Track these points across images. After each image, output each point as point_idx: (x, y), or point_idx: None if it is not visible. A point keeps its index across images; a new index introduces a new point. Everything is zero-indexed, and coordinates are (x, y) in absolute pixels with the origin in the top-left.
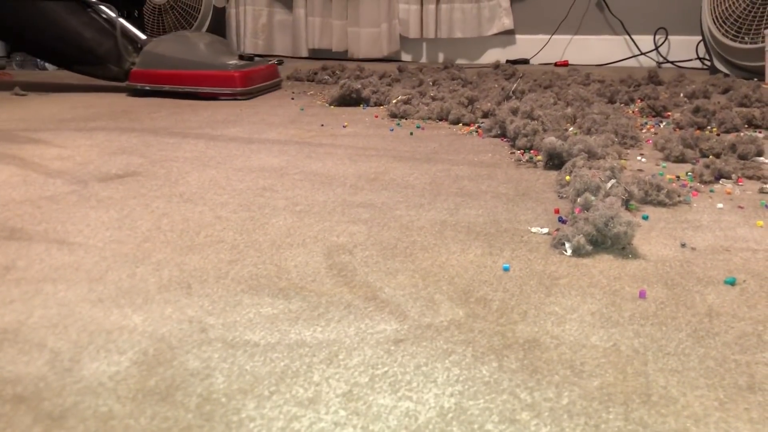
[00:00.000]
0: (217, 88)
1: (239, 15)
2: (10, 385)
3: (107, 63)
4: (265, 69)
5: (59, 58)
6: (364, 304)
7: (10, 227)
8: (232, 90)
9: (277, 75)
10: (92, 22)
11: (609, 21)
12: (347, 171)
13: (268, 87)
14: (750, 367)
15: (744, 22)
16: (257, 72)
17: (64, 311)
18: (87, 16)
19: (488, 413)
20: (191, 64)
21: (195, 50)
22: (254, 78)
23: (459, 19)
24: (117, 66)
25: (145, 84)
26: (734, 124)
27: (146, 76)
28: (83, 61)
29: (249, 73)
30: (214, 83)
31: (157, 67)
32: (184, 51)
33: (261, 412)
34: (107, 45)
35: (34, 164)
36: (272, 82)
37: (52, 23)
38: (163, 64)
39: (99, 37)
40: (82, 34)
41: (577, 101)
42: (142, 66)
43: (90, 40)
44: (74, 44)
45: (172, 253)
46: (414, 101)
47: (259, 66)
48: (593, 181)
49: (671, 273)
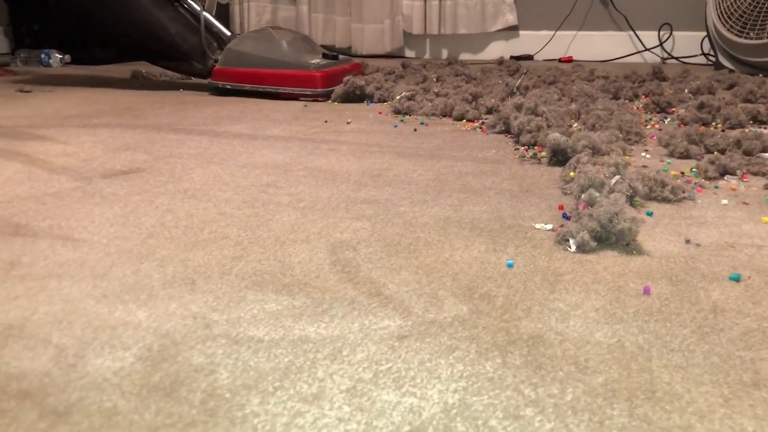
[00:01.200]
0: (298, 88)
1: (243, 11)
2: (15, 381)
3: (192, 59)
4: (349, 68)
5: (144, 53)
6: (367, 300)
7: (14, 223)
8: (313, 91)
9: (362, 72)
10: (178, 17)
11: (613, 17)
12: (351, 167)
13: None
14: (755, 364)
15: (749, 17)
16: (340, 71)
17: (68, 307)
18: (173, 11)
19: (492, 409)
20: (273, 62)
21: (278, 48)
22: (336, 78)
23: (463, 15)
24: (201, 63)
25: (226, 82)
26: (739, 120)
27: (228, 74)
28: (168, 57)
29: (331, 72)
30: (295, 83)
31: (239, 65)
32: (267, 49)
33: (265, 408)
34: (192, 41)
35: (39, 161)
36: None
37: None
38: (245, 62)
39: (184, 32)
40: (168, 29)
41: (581, 97)
42: (224, 64)
43: (175, 36)
44: (159, 39)
45: (177, 249)
46: (418, 97)
47: (342, 65)
48: (597, 178)
49: (676, 269)
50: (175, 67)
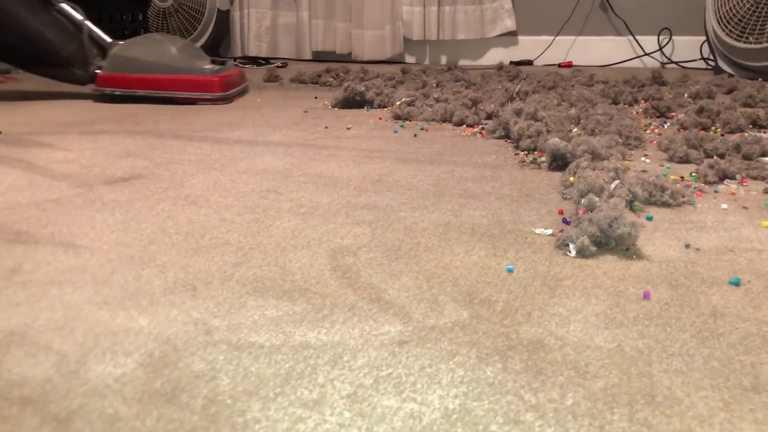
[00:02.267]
0: (197, 93)
1: (243, 18)
2: (17, 388)
3: (72, 66)
4: (237, 73)
5: (19, 58)
6: (368, 305)
7: (16, 230)
8: (213, 95)
9: (245, 79)
10: (55, 23)
11: (613, 22)
12: (351, 173)
13: (241, 91)
14: (755, 368)
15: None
16: (232, 76)
17: (70, 314)
18: (49, 16)
19: (493, 414)
20: (167, 68)
21: (170, 54)
22: (231, 82)
23: (462, 20)
24: (82, 70)
25: (114, 89)
26: (738, 125)
27: (116, 80)
28: (46, 63)
29: (226, 77)
30: (193, 88)
31: (130, 71)
32: (159, 54)
33: (266, 414)
34: (72, 47)
35: (40, 167)
36: (243, 86)
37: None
38: (137, 68)
39: (63, 38)
40: (45, 35)
41: (580, 102)
42: (111, 70)
43: (53, 41)
44: (36, 44)
45: (177, 255)
46: (418, 103)
47: (232, 70)
48: (597, 182)
49: (675, 274)
50: (54, 74)
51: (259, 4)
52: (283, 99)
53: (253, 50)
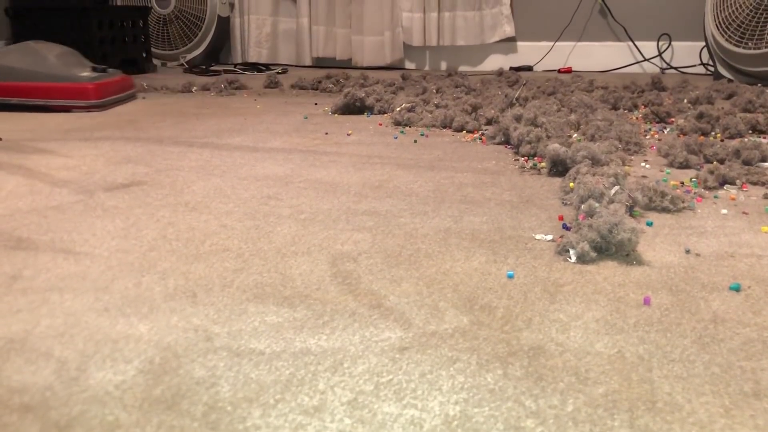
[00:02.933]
0: (71, 100)
1: (243, 24)
2: (18, 395)
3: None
4: (120, 80)
5: None
6: (368, 311)
7: (16, 237)
8: (87, 102)
9: (132, 86)
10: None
11: (612, 27)
12: (351, 179)
13: (124, 98)
14: (755, 374)
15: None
16: (112, 83)
17: (70, 320)
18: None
19: (493, 421)
20: (42, 76)
21: (45, 62)
22: (109, 89)
23: (461, 26)
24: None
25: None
26: (738, 130)
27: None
28: None
29: (104, 84)
30: (67, 95)
31: (3, 79)
32: (34, 63)
33: (266, 421)
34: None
35: (41, 174)
36: (128, 93)
37: None
38: (10, 76)
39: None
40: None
41: (580, 108)
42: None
43: None
44: None
45: (178, 262)
46: (418, 109)
47: (113, 77)
48: (597, 188)
49: (676, 279)
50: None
51: (259, 11)
52: (283, 105)
53: (253, 56)
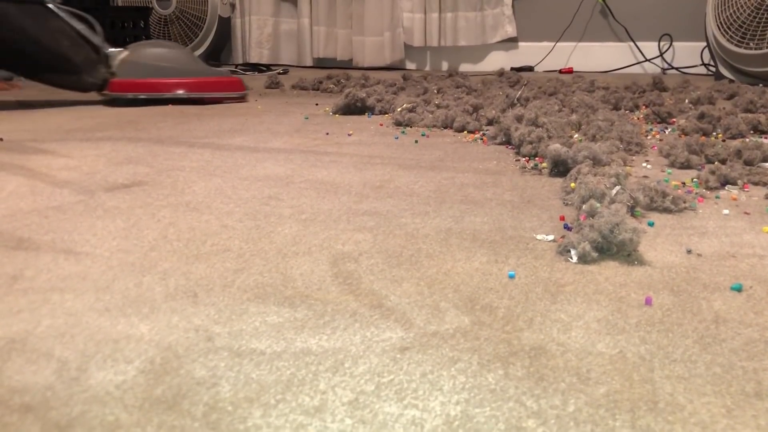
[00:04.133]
0: (223, 93)
1: (244, 25)
2: (18, 395)
3: (82, 72)
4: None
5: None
6: (369, 312)
7: (17, 237)
8: (238, 94)
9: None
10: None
11: (613, 28)
12: (352, 179)
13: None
14: (757, 374)
15: (749, 27)
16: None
17: (71, 321)
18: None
19: (494, 421)
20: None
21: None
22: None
23: (463, 27)
24: (91, 76)
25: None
26: (740, 130)
27: (135, 85)
28: (60, 70)
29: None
30: (220, 88)
31: (148, 75)
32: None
33: (267, 421)
34: (82, 54)
35: (41, 174)
36: None
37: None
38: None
39: (74, 45)
40: (59, 41)
41: (581, 108)
42: (127, 75)
43: (67, 48)
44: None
45: (179, 262)
46: (419, 109)
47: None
48: (598, 188)
49: (677, 279)
50: (63, 81)
51: (260, 11)
52: (284, 105)
53: (254, 57)
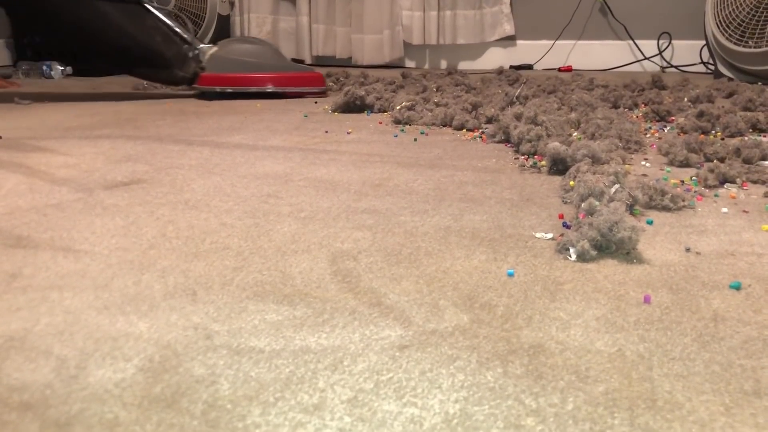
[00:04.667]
0: (305, 87)
1: (243, 22)
2: (17, 393)
3: (173, 67)
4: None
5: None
6: (368, 310)
7: (16, 235)
8: (319, 89)
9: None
10: (159, 27)
11: (612, 26)
12: (351, 177)
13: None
14: (756, 372)
15: (748, 26)
16: None
17: (70, 318)
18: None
19: (493, 419)
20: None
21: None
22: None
23: (462, 25)
24: (182, 70)
25: (222, 87)
26: (738, 129)
27: (223, 79)
28: (153, 65)
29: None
30: (303, 83)
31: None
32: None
33: (266, 419)
34: (174, 49)
35: (40, 172)
36: None
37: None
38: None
39: (166, 41)
40: (154, 37)
41: (581, 106)
42: (215, 69)
43: (160, 44)
44: (145, 47)
45: (178, 260)
46: (418, 107)
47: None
48: (597, 186)
49: (676, 278)
50: (156, 75)
51: (259, 9)
52: (283, 103)
53: None
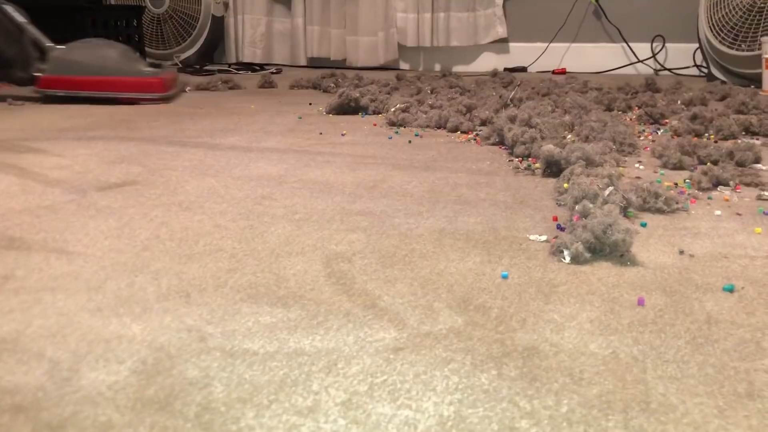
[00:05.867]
0: (140, 93)
1: (237, 24)
2: (9, 395)
3: (13, 67)
4: (174, 76)
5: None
6: (363, 312)
7: (8, 237)
8: (154, 95)
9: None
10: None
11: (606, 29)
12: (346, 179)
13: (177, 93)
14: (749, 374)
15: (741, 29)
16: (170, 79)
17: (62, 321)
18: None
19: (487, 421)
20: (110, 70)
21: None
22: (170, 84)
23: (455, 27)
24: (23, 71)
25: (57, 90)
26: (732, 132)
27: (60, 82)
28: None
29: (166, 79)
30: (136, 89)
31: (72, 73)
32: (101, 58)
33: (260, 421)
34: (15, 49)
35: (33, 173)
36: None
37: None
38: (80, 70)
39: (6, 40)
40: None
41: (574, 109)
42: (54, 72)
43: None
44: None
45: (171, 262)
46: (412, 109)
47: (168, 73)
48: (591, 189)
49: (670, 280)
50: None
51: (254, 11)
52: (277, 105)
53: (247, 56)
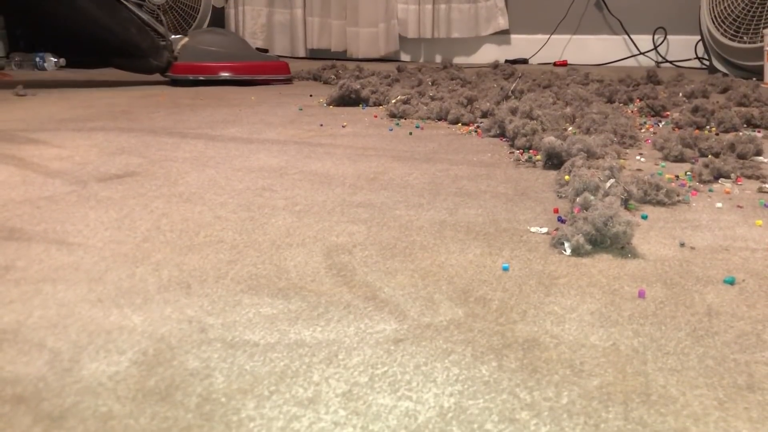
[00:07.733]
0: (272, 75)
1: (238, 15)
2: (10, 386)
3: (149, 57)
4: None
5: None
6: (363, 303)
7: (9, 227)
8: (285, 76)
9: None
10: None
11: (608, 21)
12: (346, 171)
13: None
14: (749, 367)
15: (743, 21)
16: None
17: (63, 311)
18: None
19: (488, 413)
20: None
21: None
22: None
23: (456, 18)
24: (156, 60)
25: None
26: (733, 124)
27: (195, 68)
28: (129, 55)
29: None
30: (269, 71)
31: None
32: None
33: (261, 412)
34: (149, 40)
35: (33, 164)
36: None
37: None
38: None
39: (141, 32)
40: (130, 29)
41: (576, 101)
42: (188, 59)
43: (136, 35)
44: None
45: (172, 253)
46: (413, 101)
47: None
48: (592, 181)
49: (670, 272)
50: (131, 64)
51: (254, 2)
52: (277, 97)
53: None
